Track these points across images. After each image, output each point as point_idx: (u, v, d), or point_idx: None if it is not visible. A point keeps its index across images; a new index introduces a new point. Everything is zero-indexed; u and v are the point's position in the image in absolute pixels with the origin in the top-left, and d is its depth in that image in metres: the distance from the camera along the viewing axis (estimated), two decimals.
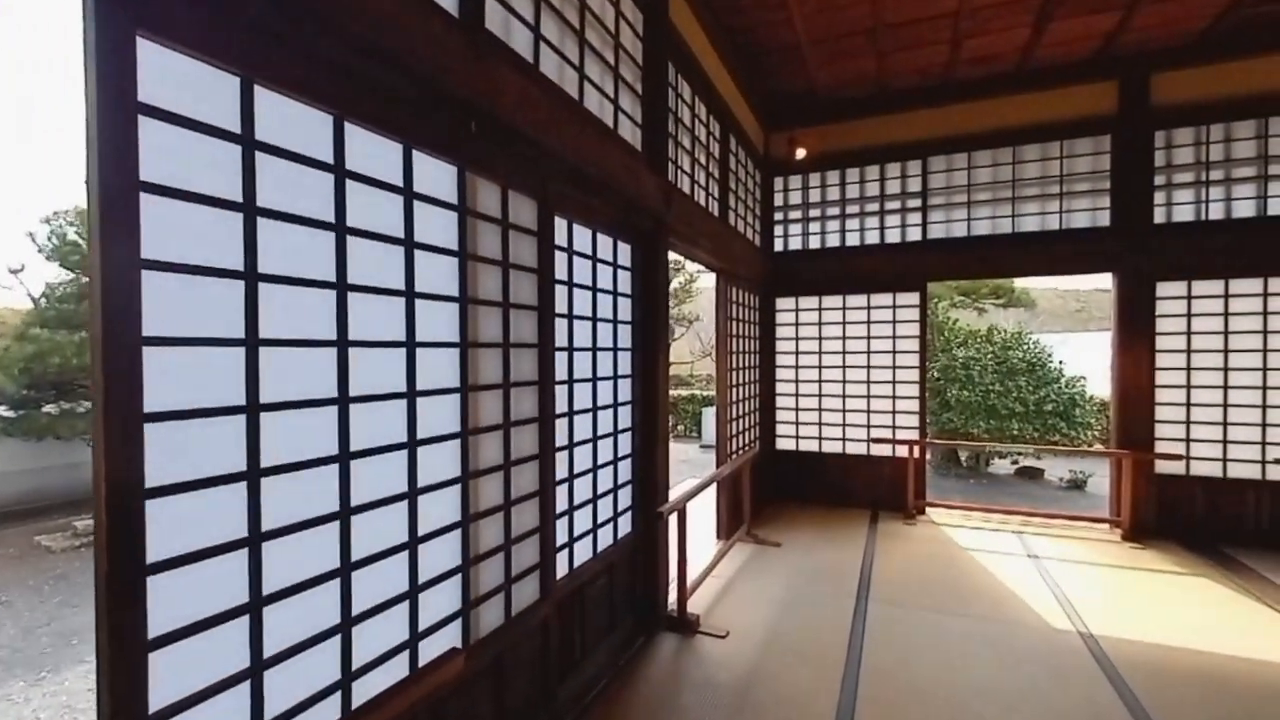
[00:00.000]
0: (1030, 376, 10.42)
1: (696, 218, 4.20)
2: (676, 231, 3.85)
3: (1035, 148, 5.56)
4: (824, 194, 6.37)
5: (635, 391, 3.54)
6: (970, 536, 5.29)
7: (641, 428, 3.57)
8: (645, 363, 3.57)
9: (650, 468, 3.58)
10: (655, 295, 3.57)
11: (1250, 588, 4.08)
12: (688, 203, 4.07)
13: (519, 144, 2.35)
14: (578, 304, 3.01)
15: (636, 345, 3.54)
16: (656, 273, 3.57)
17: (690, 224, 4.02)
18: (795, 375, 6.50)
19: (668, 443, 3.71)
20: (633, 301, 3.53)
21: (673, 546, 3.67)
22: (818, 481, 6.36)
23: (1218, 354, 5.06)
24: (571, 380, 2.92)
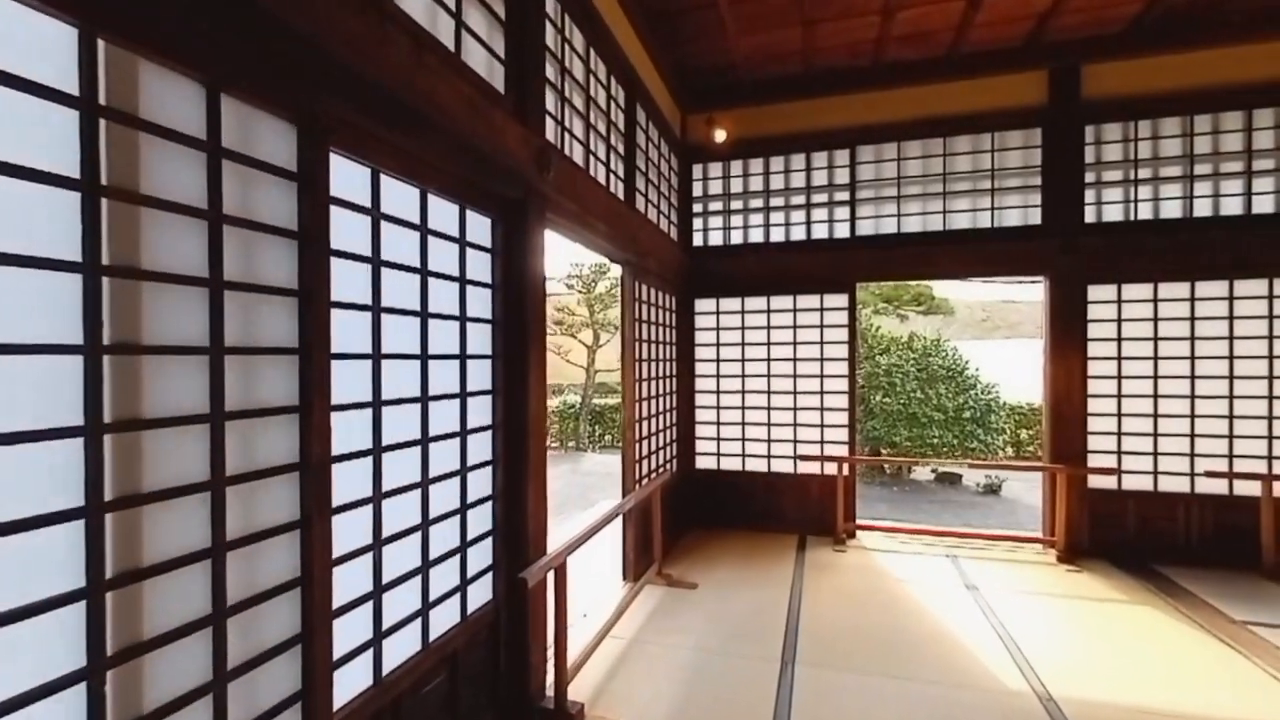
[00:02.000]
0: (949, 384, 10.39)
1: (589, 193, 3.40)
2: (558, 206, 3.03)
3: (966, 139, 5.13)
4: (746, 184, 5.74)
5: (497, 413, 2.68)
6: (904, 564, 4.74)
7: (506, 460, 2.71)
8: (511, 375, 2.72)
9: (518, 513, 2.72)
10: (526, 285, 2.73)
11: (1196, 617, 3.67)
12: (577, 174, 3.27)
13: (266, 31, 1.46)
14: (394, 292, 2.13)
15: (498, 352, 2.68)
16: (527, 256, 2.73)
17: (580, 199, 3.22)
18: (717, 386, 5.82)
19: (544, 477, 2.87)
20: (493, 294, 2.68)
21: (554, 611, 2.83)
22: (741, 504, 5.70)
23: (1148, 361, 4.77)
24: (378, 402, 2.03)
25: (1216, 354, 4.61)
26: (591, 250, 3.91)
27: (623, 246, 4.07)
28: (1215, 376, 4.61)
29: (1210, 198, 4.65)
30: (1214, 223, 4.63)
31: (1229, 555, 4.50)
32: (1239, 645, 3.32)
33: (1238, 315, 4.57)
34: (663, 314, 5.27)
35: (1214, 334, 4.61)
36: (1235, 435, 4.56)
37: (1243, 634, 3.44)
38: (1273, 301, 4.50)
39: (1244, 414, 4.55)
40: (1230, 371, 4.58)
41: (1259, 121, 4.52)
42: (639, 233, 4.33)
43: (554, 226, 3.15)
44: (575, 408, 14.20)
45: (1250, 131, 4.54)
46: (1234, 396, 4.57)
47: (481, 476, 2.61)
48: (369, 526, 2.01)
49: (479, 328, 2.59)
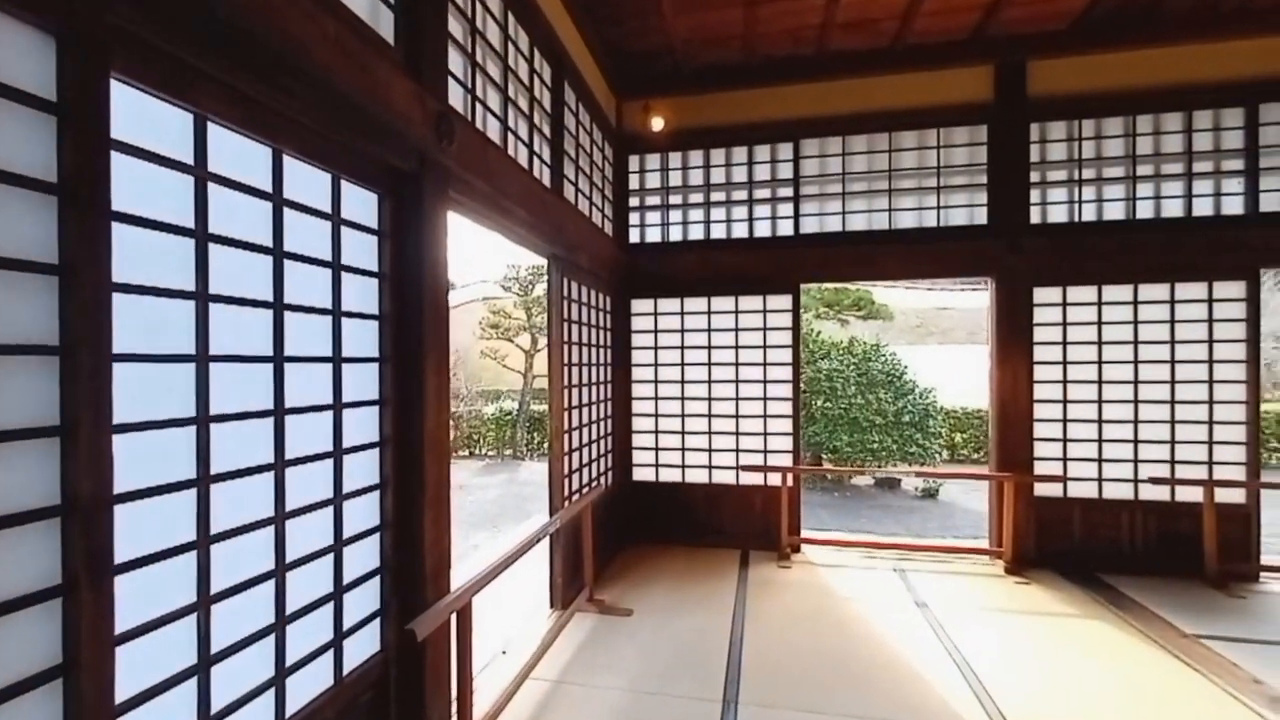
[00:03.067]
0: (889, 388, 10.45)
1: (507, 175, 2.98)
2: (466, 185, 2.59)
3: (912, 135, 4.98)
4: (686, 177, 5.42)
5: (386, 428, 2.22)
6: (851, 580, 4.50)
7: (398, 484, 2.25)
8: (405, 382, 2.26)
9: (412, 547, 2.26)
10: (423, 276, 2.28)
11: (1148, 632, 3.55)
12: (491, 151, 2.84)
13: None
14: (232, 276, 1.65)
15: (388, 354, 2.22)
16: (425, 240, 2.29)
17: (493, 179, 2.79)
18: (655, 392, 5.47)
19: (446, 501, 2.42)
20: (381, 284, 2.21)
21: (457, 662, 2.37)
22: (682, 518, 5.35)
23: (1092, 365, 4.71)
24: (205, 418, 1.56)
25: (1158, 358, 4.59)
26: (512, 241, 3.47)
27: (548, 238, 3.66)
28: (1157, 381, 4.59)
29: (1152, 199, 4.64)
30: (1155, 225, 4.62)
31: (1172, 563, 4.47)
32: (1194, 662, 3.19)
33: (1178, 319, 4.56)
34: (596, 314, 4.88)
35: (1156, 338, 4.59)
36: (1177, 440, 4.54)
37: (1196, 649, 3.32)
38: (1212, 305, 4.51)
39: (1185, 419, 4.54)
40: (1172, 376, 4.57)
41: (1198, 123, 4.54)
42: (567, 224, 3.92)
43: (461, 209, 2.70)
44: (512, 414, 13.63)
45: (1190, 133, 4.55)
46: (1175, 401, 4.55)
47: (365, 505, 2.14)
48: (190, 580, 1.53)
49: (361, 325, 2.12)
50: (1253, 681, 2.98)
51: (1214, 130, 4.53)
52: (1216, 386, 4.50)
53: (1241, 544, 4.41)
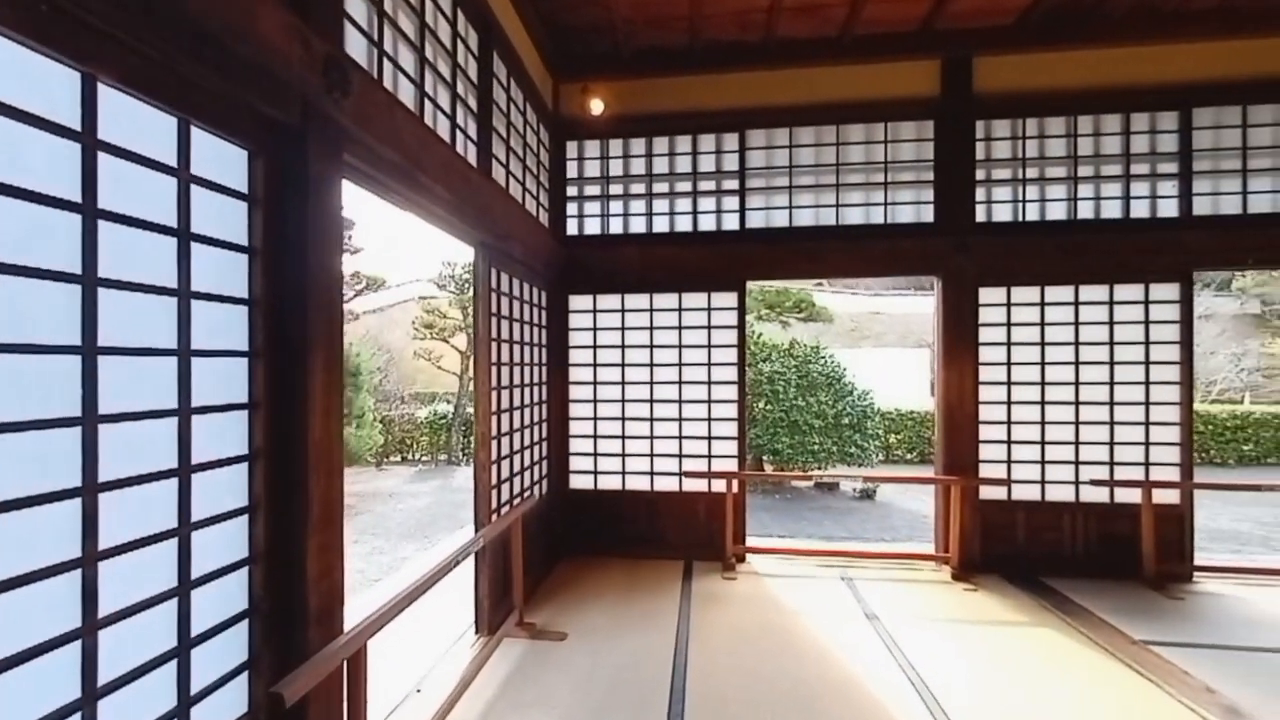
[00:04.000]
0: (828, 391, 10.50)
1: (422, 144, 2.58)
2: (368, 149, 2.19)
3: (860, 128, 4.85)
4: (627, 166, 5.12)
5: (257, 439, 1.79)
6: (799, 591, 4.29)
7: (272, 507, 1.82)
8: (283, 382, 1.84)
9: (292, 582, 1.84)
10: (307, 253, 1.87)
11: (1097, 639, 3.48)
12: (401, 114, 2.44)
13: None
14: (20, 238, 1.22)
15: (260, 348, 1.79)
16: (311, 210, 1.87)
17: (404, 148, 2.39)
18: (594, 395, 5.13)
19: (338, 524, 2.00)
20: (251, 261, 1.79)
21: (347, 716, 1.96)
22: (622, 529, 5.03)
23: (1035, 367, 4.70)
24: None
25: (1098, 359, 4.61)
26: (431, 223, 3.07)
27: (472, 222, 3.27)
28: (1097, 382, 4.61)
29: (1092, 200, 4.66)
30: (1095, 226, 4.64)
31: (1112, 565, 4.48)
32: (1146, 670, 3.11)
33: (1117, 320, 4.59)
34: (531, 310, 4.50)
35: (1096, 339, 4.61)
36: (1116, 442, 4.57)
37: (1146, 656, 3.26)
38: (1148, 307, 4.56)
39: (1124, 420, 4.57)
40: (1111, 377, 4.59)
41: (1135, 125, 4.59)
42: (496, 209, 3.54)
43: (362, 178, 2.29)
44: (448, 418, 12.98)
45: (1128, 135, 4.59)
46: (1114, 403, 4.58)
47: (226, 534, 1.71)
48: None
49: (221, 311, 1.70)
50: (1205, 690, 2.92)
51: (1150, 133, 4.60)
52: (1153, 388, 4.55)
53: (1176, 545, 4.46)
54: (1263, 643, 3.45)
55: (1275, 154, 4.51)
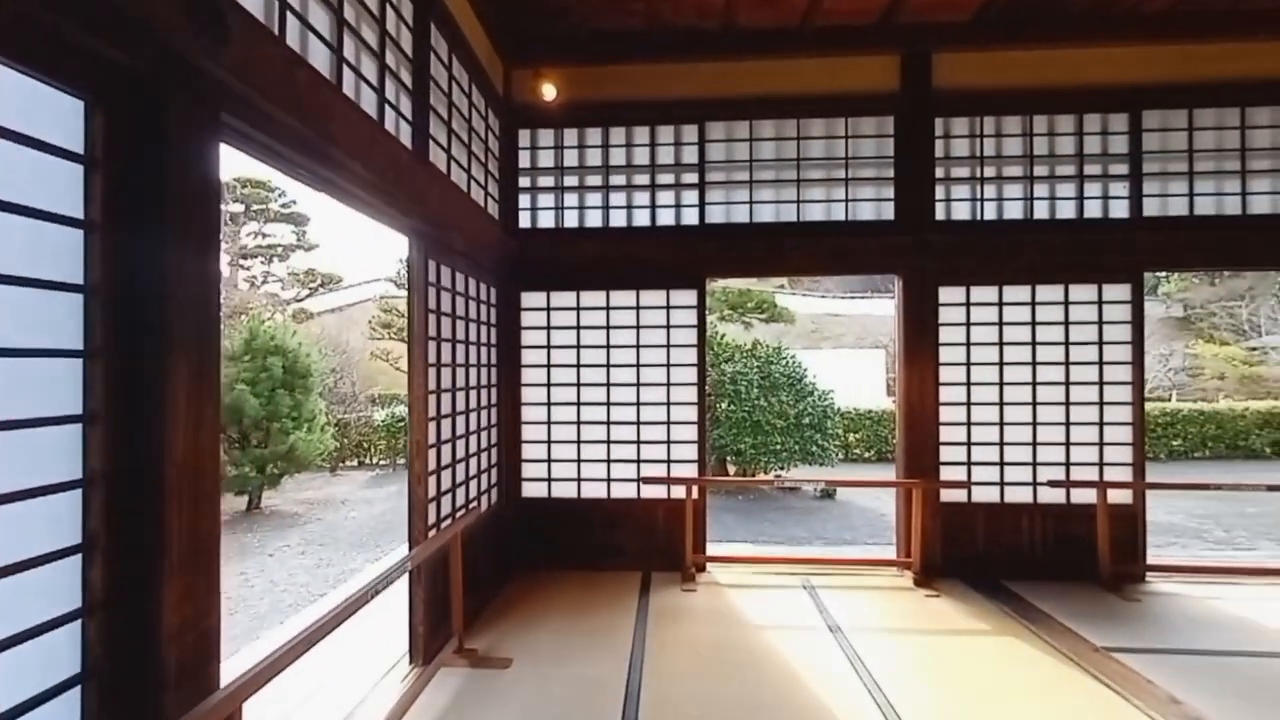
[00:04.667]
0: (790, 391, 10.48)
1: (337, 115, 2.26)
2: (256, 114, 1.87)
3: (820, 123, 4.70)
4: (583, 157, 4.85)
5: (94, 457, 1.44)
6: (760, 602, 4.10)
7: (112, 544, 1.47)
8: (130, 388, 1.50)
9: (144, 636, 1.50)
10: (166, 231, 1.54)
11: (1061, 647, 3.37)
12: (304, 74, 2.11)
13: None
14: None
15: (96, 346, 1.45)
16: (170, 179, 1.54)
17: (310, 116, 2.07)
18: (548, 397, 4.84)
19: (211, 562, 1.67)
20: (86, 239, 1.44)
21: None
22: (577, 539, 4.75)
23: (993, 367, 4.62)
24: None
25: (1054, 359, 4.56)
26: (351, 207, 2.74)
27: (407, 210, 2.95)
28: (1054, 383, 4.56)
29: (1047, 200, 4.62)
30: (1050, 225, 4.59)
31: (1069, 566, 4.42)
32: (1111, 680, 3.01)
33: (1072, 320, 4.56)
34: (478, 307, 4.19)
35: (1052, 339, 4.57)
36: (1072, 442, 4.53)
37: (1110, 665, 3.16)
38: (1102, 307, 4.53)
39: (1079, 420, 4.54)
40: (1067, 378, 4.55)
41: (1088, 126, 4.56)
42: (433, 194, 3.23)
43: (249, 146, 1.96)
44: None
45: (1081, 136, 4.56)
46: (1070, 403, 4.54)
47: (50, 580, 1.37)
48: None
49: (43, 299, 1.36)
50: (1171, 701, 2.82)
51: (1102, 134, 4.57)
52: (1106, 388, 4.53)
53: (1130, 545, 4.44)
54: (1220, 646, 3.40)
55: (1219, 157, 4.54)
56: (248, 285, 15.78)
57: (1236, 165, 4.51)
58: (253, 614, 5.42)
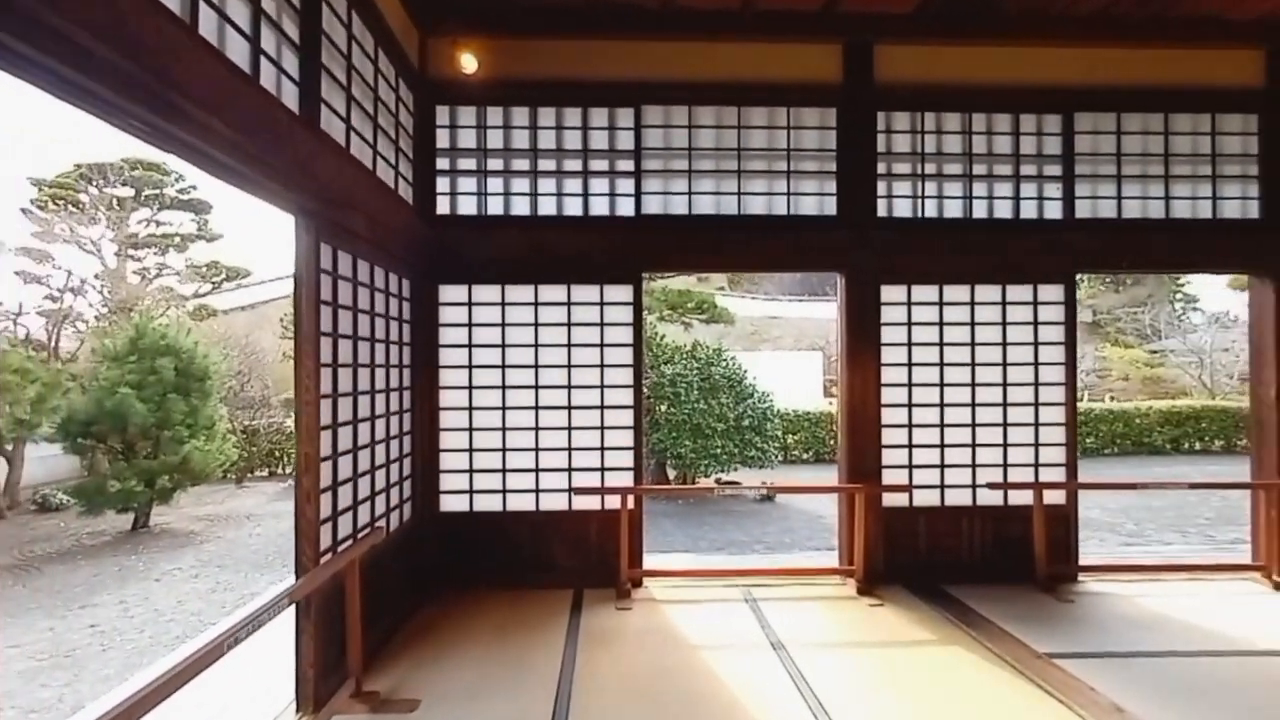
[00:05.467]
0: (730, 393, 10.39)
1: (177, 55, 1.82)
2: (50, 35, 1.42)
3: (762, 112, 4.49)
4: (509, 139, 4.46)
5: None
6: (700, 619, 3.83)
7: None
8: None
9: None
10: None
11: (1005, 655, 3.26)
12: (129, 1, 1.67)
13: None
14: None
15: None
16: None
17: (134, 47, 1.63)
18: (469, 401, 4.42)
19: None
20: None
21: None
22: (502, 556, 4.36)
23: (934, 368, 4.55)
24: None
25: (993, 360, 4.53)
26: (211, 173, 2.28)
27: (286, 180, 2.51)
28: (992, 384, 4.53)
29: (986, 199, 4.58)
30: (988, 225, 4.56)
31: (1007, 568, 4.38)
32: (1055, 689, 2.90)
33: (1010, 321, 4.53)
34: (387, 301, 3.74)
35: (991, 339, 4.53)
36: (1010, 444, 4.50)
37: (1052, 672, 3.06)
38: (1037, 308, 4.53)
39: (1016, 421, 4.51)
40: (1004, 378, 4.52)
41: (1024, 126, 4.55)
42: (325, 167, 2.79)
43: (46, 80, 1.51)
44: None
45: (1018, 135, 4.55)
46: (1008, 404, 4.51)
47: None
48: None
49: None
50: (1115, 710, 2.73)
51: (1037, 135, 4.58)
52: (1042, 389, 4.53)
53: (1063, 545, 4.45)
54: (1154, 647, 3.38)
55: (1144, 162, 4.63)
56: (138, 279, 14.36)
57: (1160, 170, 4.60)
58: (131, 648, 4.75)
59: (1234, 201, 4.62)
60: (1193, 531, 7.79)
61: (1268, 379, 4.58)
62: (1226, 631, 3.56)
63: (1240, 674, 3.09)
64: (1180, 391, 18.40)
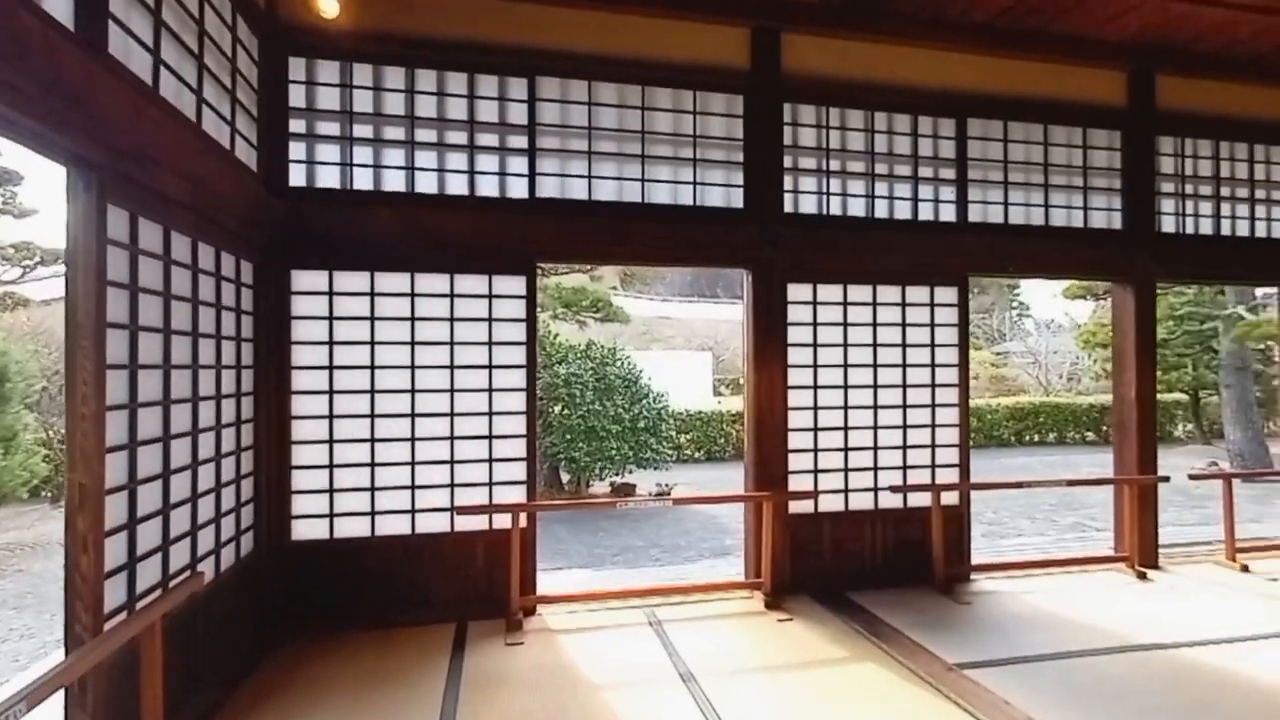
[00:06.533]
0: (625, 394, 10.17)
1: None
2: None
3: (668, 94, 4.18)
4: (380, 102, 3.82)
5: None
6: (600, 650, 3.44)
7: None
8: None
9: None
10: None
11: (917, 669, 3.14)
12: None
13: None
14: None
15: None
16: None
17: None
18: (330, 408, 3.74)
19: None
20: None
21: None
22: (370, 589, 3.73)
23: (838, 370, 4.46)
24: None
25: (893, 362, 4.51)
26: None
27: (41, 115, 1.81)
28: (892, 385, 4.51)
29: (887, 199, 4.56)
30: (890, 225, 4.52)
31: (907, 571, 4.37)
32: (968, 703, 2.79)
33: (909, 323, 4.54)
34: (218, 287, 3.02)
35: (892, 341, 4.51)
36: (909, 445, 4.50)
37: (964, 685, 2.97)
38: (934, 310, 4.57)
39: (915, 423, 4.53)
40: (904, 380, 4.52)
41: (922, 128, 4.57)
42: (116, 107, 2.11)
43: None
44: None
45: (916, 137, 4.57)
46: (907, 405, 4.51)
47: None
48: None
49: None
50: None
51: (934, 137, 4.62)
52: (938, 390, 4.58)
53: (957, 545, 4.52)
54: (1054, 648, 3.36)
55: (1027, 170, 4.81)
56: None
57: (1041, 179, 4.81)
58: None
59: (1102, 212, 4.92)
60: (1040, 517, 8.59)
61: (1128, 380, 4.92)
62: (1111, 626, 3.68)
63: (1136, 672, 3.12)
64: (1020, 389, 20.51)
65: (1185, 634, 3.54)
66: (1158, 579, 4.57)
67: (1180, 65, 4.85)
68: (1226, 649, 3.38)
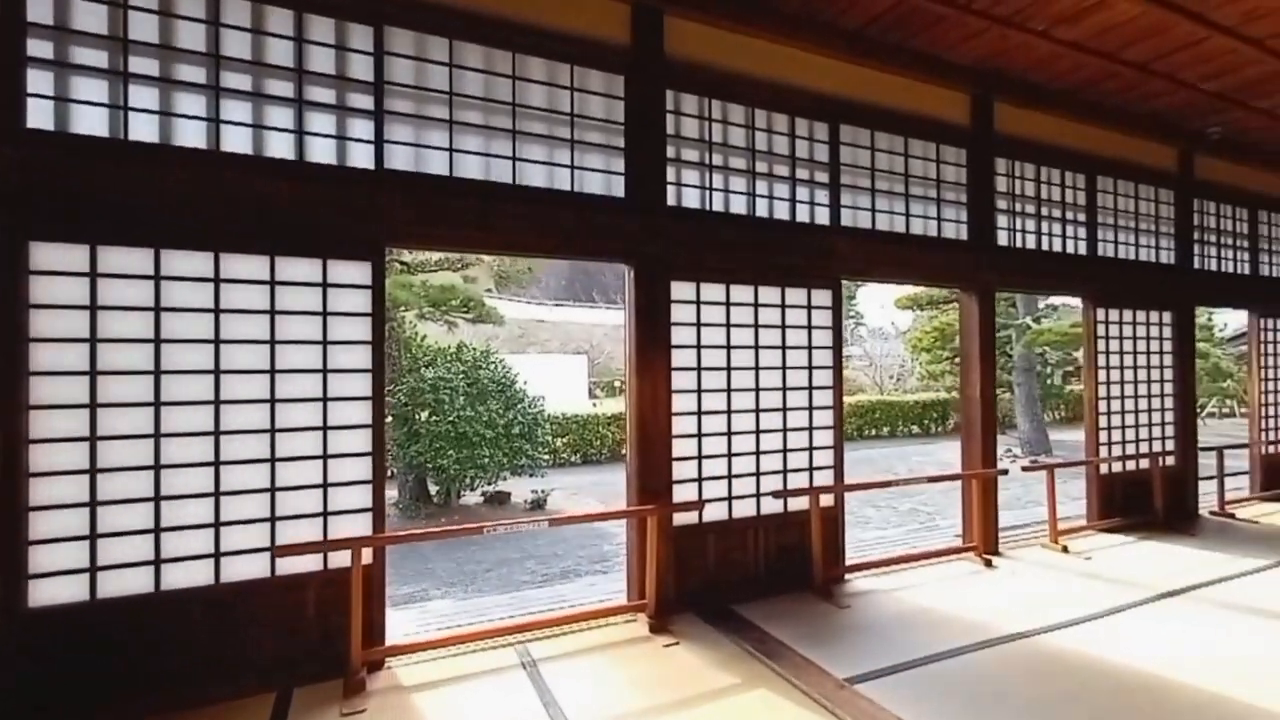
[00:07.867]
0: (499, 398, 9.63)
1: None
2: None
3: (542, 65, 3.73)
4: (169, 32, 2.99)
5: None
6: (462, 705, 2.91)
7: None
8: None
9: None
10: None
11: (810, 690, 2.95)
12: None
13: None
14: None
15: None
16: None
17: None
18: (92, 427, 2.83)
19: None
20: None
21: None
22: (159, 659, 2.87)
23: (722, 372, 4.27)
24: None
25: (774, 364, 4.41)
26: None
27: None
28: (773, 388, 4.41)
29: (766, 198, 4.45)
30: (769, 224, 4.42)
31: (787, 577, 4.27)
32: None
33: (788, 324, 4.47)
34: None
35: (772, 343, 4.41)
36: (789, 449, 4.43)
37: (859, 703, 2.84)
38: (811, 311, 4.55)
39: (795, 426, 4.46)
40: (784, 383, 4.44)
41: (799, 129, 4.53)
42: None
43: None
44: None
45: (794, 137, 4.51)
46: (787, 409, 4.44)
47: None
48: None
49: None
50: None
51: (810, 140, 4.60)
52: (815, 393, 4.56)
53: (833, 548, 4.51)
54: (933, 649, 3.35)
55: (891, 179, 4.96)
56: None
57: (903, 189, 4.99)
58: None
59: (952, 224, 5.22)
60: (883, 505, 9.46)
61: (974, 381, 5.26)
62: (976, 618, 3.80)
63: (1008, 667, 3.20)
64: (859, 389, 22.91)
65: (1037, 620, 3.75)
66: (1001, 565, 4.89)
67: (1014, 93, 5.29)
68: (1073, 632, 3.61)
